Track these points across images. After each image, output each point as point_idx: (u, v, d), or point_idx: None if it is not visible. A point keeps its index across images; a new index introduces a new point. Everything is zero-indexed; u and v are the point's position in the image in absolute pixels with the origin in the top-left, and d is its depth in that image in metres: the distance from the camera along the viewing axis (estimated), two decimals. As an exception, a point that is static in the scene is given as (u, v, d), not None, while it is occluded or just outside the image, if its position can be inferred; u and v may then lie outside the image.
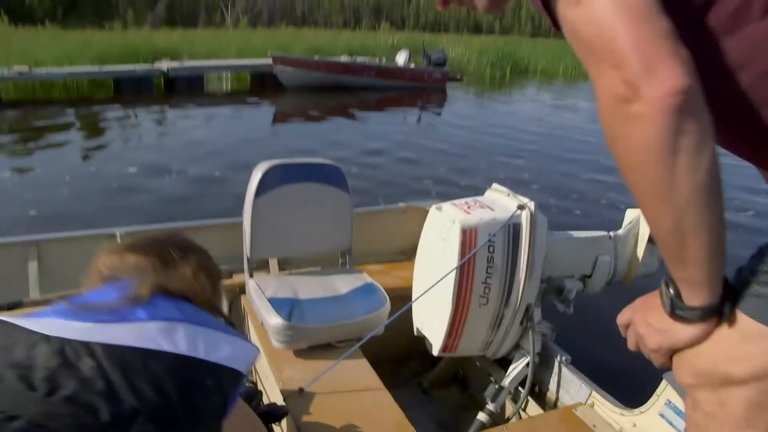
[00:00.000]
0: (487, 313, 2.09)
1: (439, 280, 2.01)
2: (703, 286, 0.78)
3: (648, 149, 0.68)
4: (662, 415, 1.82)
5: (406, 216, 3.06)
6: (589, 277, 2.35)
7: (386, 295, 2.30)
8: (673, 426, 1.78)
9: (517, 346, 2.25)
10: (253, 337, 2.30)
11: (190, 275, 1.10)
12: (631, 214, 2.39)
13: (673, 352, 0.86)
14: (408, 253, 3.05)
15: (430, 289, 2.04)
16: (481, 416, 2.13)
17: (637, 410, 1.91)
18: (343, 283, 2.37)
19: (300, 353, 2.15)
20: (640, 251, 2.36)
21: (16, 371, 0.79)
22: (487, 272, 2.02)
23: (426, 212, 2.95)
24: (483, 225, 2.00)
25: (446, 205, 2.13)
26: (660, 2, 0.67)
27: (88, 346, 0.83)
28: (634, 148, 0.70)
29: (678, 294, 0.80)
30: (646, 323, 0.87)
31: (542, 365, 2.26)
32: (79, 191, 5.90)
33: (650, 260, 2.37)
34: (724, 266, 0.78)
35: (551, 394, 2.25)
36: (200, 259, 1.16)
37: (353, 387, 2.03)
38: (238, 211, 2.37)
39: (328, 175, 2.42)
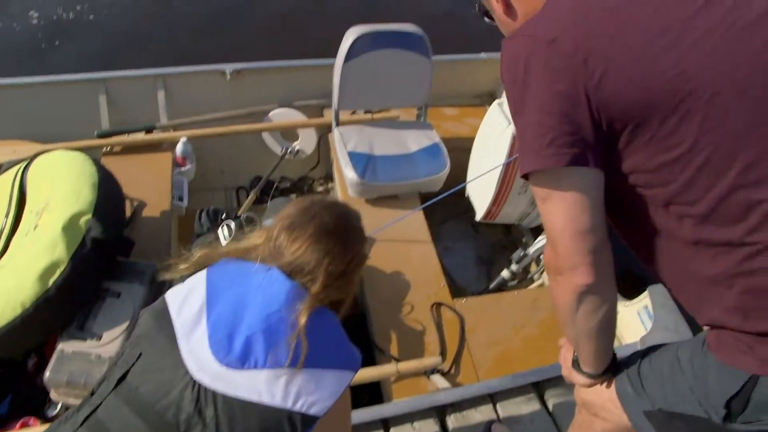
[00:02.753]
0: (524, 199, 2.48)
1: (486, 172, 2.37)
2: (590, 366, 1.23)
3: (561, 303, 1.08)
4: (639, 314, 2.27)
5: (486, 65, 3.26)
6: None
7: (447, 158, 2.67)
8: (643, 324, 2.24)
9: (549, 221, 2.65)
10: (337, 174, 2.80)
11: (349, 281, 1.23)
12: None
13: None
14: (483, 99, 3.32)
15: (479, 177, 2.41)
16: (505, 273, 2.64)
17: (624, 301, 2.36)
18: (413, 141, 2.75)
19: (369, 201, 2.65)
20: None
21: (172, 410, 1.07)
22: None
23: (504, 66, 3.16)
24: (533, 131, 2.27)
25: (506, 104, 2.37)
26: (598, 218, 0.99)
27: (214, 396, 1.07)
28: (555, 297, 1.09)
29: (577, 359, 1.26)
30: (564, 358, 1.34)
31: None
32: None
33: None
34: (608, 359, 1.22)
35: (567, 265, 2.70)
36: (360, 256, 1.26)
37: (407, 238, 2.54)
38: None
39: (412, 42, 2.62)
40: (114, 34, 4.72)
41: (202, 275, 1.20)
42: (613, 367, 1.23)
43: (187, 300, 1.16)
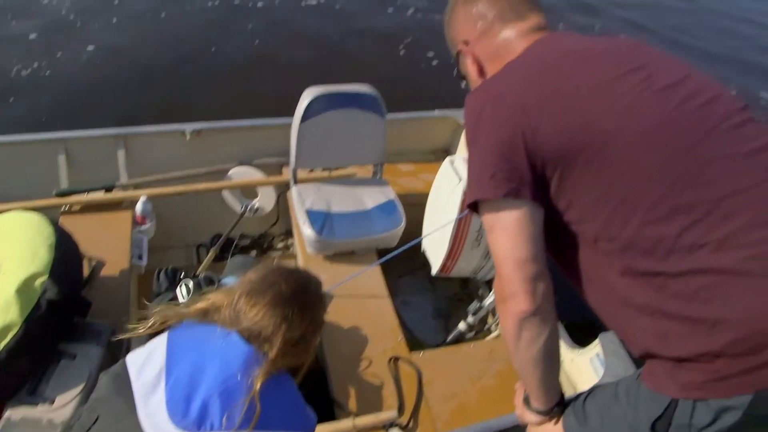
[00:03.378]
0: (478, 252, 2.55)
1: (440, 227, 2.46)
2: (537, 400, 1.28)
3: (506, 330, 1.16)
4: (591, 362, 2.34)
5: (439, 122, 3.41)
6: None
7: (403, 214, 2.75)
8: (595, 372, 2.31)
9: (503, 273, 2.73)
10: (296, 231, 2.85)
11: (306, 347, 1.30)
12: None
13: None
14: (437, 154, 3.45)
15: (431, 233, 2.49)
16: (462, 326, 2.70)
17: (577, 350, 2.43)
18: (369, 198, 2.82)
19: (327, 257, 2.70)
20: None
21: None
22: (481, 224, 2.44)
23: (457, 122, 3.30)
24: (483, 187, 2.37)
25: (458, 161, 2.48)
26: (537, 249, 1.11)
27: None
28: (501, 325, 1.19)
29: (528, 396, 1.32)
30: (517, 398, 1.40)
31: (521, 291, 2.76)
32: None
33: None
34: (555, 394, 1.28)
35: (522, 316, 2.78)
36: (317, 322, 1.33)
37: (364, 293, 2.59)
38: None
39: (366, 102, 2.73)
40: (72, 92, 4.76)
41: (162, 339, 1.24)
42: (561, 404, 1.30)
43: (146, 363, 1.20)
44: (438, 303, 3.18)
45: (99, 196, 2.80)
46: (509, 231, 1.11)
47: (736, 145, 1.05)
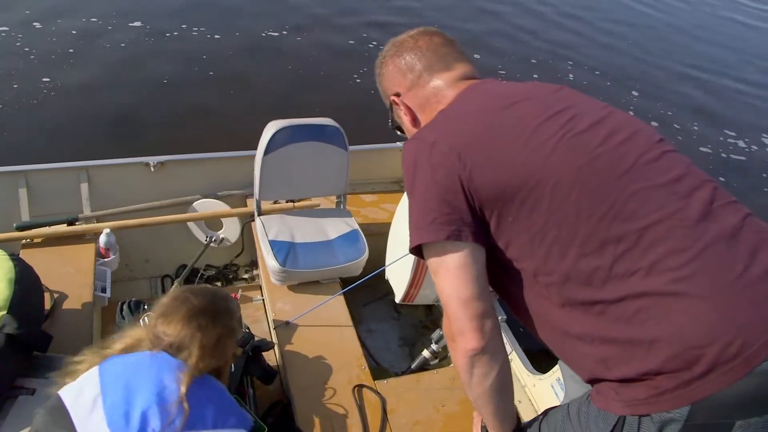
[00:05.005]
0: (439, 281, 2.60)
1: (402, 257, 2.50)
2: (494, 430, 1.32)
3: (458, 367, 1.21)
4: (552, 386, 2.39)
5: (401, 153, 3.45)
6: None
7: (366, 244, 2.80)
8: (556, 396, 2.36)
9: (465, 301, 2.79)
10: (260, 262, 2.86)
11: (222, 350, 1.46)
12: None
13: None
14: (400, 184, 3.51)
15: (394, 262, 2.54)
16: (426, 353, 2.73)
17: (538, 375, 2.48)
18: (333, 228, 2.86)
19: (292, 287, 2.73)
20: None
21: None
22: None
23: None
24: (443, 217, 2.43)
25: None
26: (481, 287, 1.16)
27: None
28: (454, 362, 1.23)
29: (485, 428, 1.37)
30: (475, 425, 1.46)
31: (482, 319, 2.81)
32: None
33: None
34: (511, 423, 1.32)
35: (484, 343, 2.83)
36: (229, 328, 1.49)
37: (328, 322, 2.61)
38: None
39: (329, 135, 2.79)
40: (33, 127, 4.72)
41: (94, 370, 1.34)
42: (518, 430, 1.34)
43: (81, 393, 1.30)
44: (402, 331, 3.21)
45: (61, 229, 2.78)
46: (453, 272, 1.16)
47: (655, 176, 1.13)
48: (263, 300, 2.97)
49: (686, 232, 1.07)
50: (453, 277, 1.16)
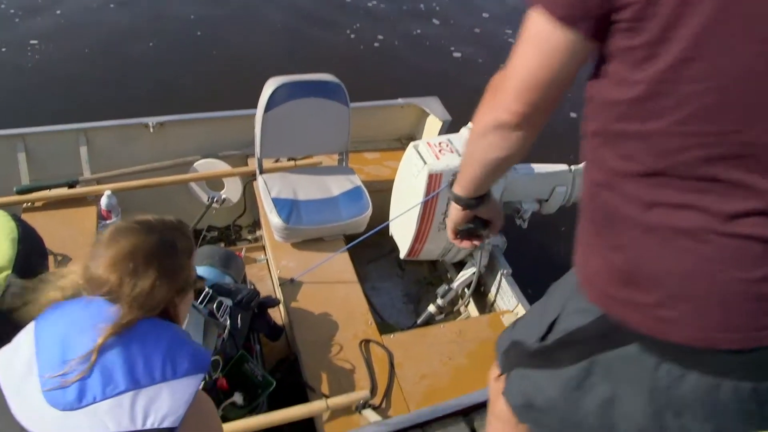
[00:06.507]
0: (444, 235, 2.57)
1: (406, 211, 2.49)
2: (461, 188, 1.30)
3: (479, 123, 1.11)
4: None
5: (403, 110, 3.43)
6: (546, 200, 2.77)
7: (369, 200, 2.78)
8: None
9: (470, 255, 2.78)
10: (263, 221, 2.85)
11: (162, 296, 1.22)
12: None
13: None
14: (402, 142, 3.48)
15: (398, 216, 2.53)
16: (431, 308, 2.74)
17: None
18: (336, 185, 2.84)
19: (295, 245, 2.72)
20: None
21: None
22: (447, 207, 2.48)
23: (421, 110, 3.33)
24: (448, 171, 2.41)
25: (422, 145, 2.51)
26: (557, 84, 0.99)
27: None
28: (476, 116, 1.12)
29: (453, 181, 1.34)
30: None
31: (488, 273, 2.82)
32: None
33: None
34: (481, 191, 1.29)
35: (491, 297, 2.84)
36: (163, 267, 1.24)
37: (333, 279, 2.61)
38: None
39: (330, 91, 2.75)
40: (32, 89, 4.66)
41: (29, 328, 1.19)
42: (481, 203, 1.33)
43: (15, 356, 1.15)
44: (407, 288, 3.21)
45: (62, 192, 2.76)
46: (541, 51, 0.98)
47: None
48: (267, 260, 2.96)
49: None
50: (536, 55, 0.98)
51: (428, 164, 2.40)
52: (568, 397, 1.17)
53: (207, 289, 2.09)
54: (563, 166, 2.71)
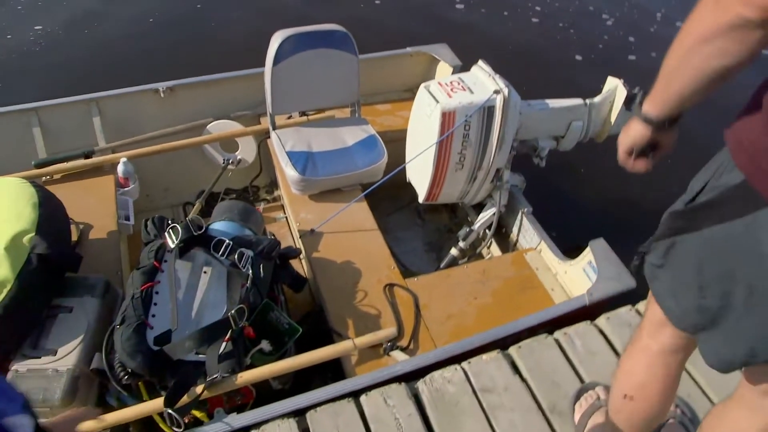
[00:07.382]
0: (462, 176, 2.56)
1: (421, 152, 2.46)
2: (654, 106, 1.17)
3: (701, 12, 0.98)
4: (584, 270, 2.37)
5: (413, 59, 3.38)
6: (562, 137, 2.72)
7: (384, 148, 2.76)
8: (588, 278, 2.35)
9: (489, 197, 2.76)
10: (280, 177, 2.85)
11: None
12: (611, 83, 2.63)
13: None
14: (413, 92, 3.43)
15: (414, 158, 2.50)
16: (454, 251, 2.73)
17: (569, 261, 2.46)
18: (350, 135, 2.82)
19: (313, 197, 2.71)
20: (614, 116, 2.66)
21: None
22: (462, 146, 2.45)
23: (431, 57, 3.28)
24: (461, 108, 2.37)
25: (433, 85, 2.47)
26: None
27: None
28: (694, 19, 0.99)
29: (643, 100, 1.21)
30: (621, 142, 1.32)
31: (509, 213, 2.79)
32: None
33: (622, 121, 2.66)
34: (677, 108, 1.15)
35: (513, 237, 2.82)
36: None
37: (353, 228, 2.60)
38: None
39: (337, 41, 2.71)
40: (44, 64, 4.67)
41: None
42: (675, 122, 1.19)
43: None
44: (428, 236, 3.20)
45: (79, 162, 2.78)
46: None
47: None
48: (286, 217, 2.96)
49: None
50: None
51: (441, 103, 2.36)
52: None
53: (228, 241, 2.10)
54: (578, 100, 2.65)
